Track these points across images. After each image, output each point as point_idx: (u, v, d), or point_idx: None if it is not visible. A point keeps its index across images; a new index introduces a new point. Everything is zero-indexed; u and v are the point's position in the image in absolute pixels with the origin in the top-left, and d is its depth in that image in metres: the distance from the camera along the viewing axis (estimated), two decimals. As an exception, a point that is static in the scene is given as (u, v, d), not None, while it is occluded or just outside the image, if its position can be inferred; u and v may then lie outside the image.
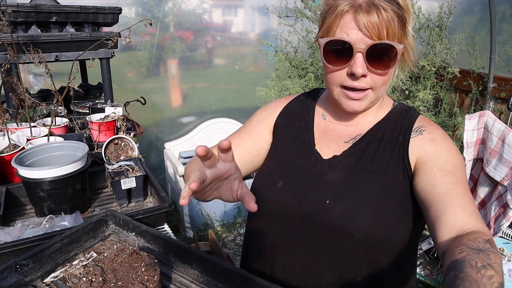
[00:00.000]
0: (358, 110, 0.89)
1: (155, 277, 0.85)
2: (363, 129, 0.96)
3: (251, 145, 1.05)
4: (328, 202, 0.88)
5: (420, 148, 0.88)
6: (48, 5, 1.95)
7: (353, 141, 0.95)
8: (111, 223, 1.10)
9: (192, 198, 2.44)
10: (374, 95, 0.87)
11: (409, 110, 0.97)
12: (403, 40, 0.83)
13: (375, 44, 0.79)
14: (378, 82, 0.85)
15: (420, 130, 0.91)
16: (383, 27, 0.79)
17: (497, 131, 1.65)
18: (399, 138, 0.91)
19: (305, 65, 3.46)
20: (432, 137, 0.89)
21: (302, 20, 3.45)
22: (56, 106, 1.63)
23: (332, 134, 0.98)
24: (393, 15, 0.79)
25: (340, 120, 0.99)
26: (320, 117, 1.03)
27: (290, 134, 1.02)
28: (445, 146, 0.87)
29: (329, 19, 0.83)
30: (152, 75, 3.50)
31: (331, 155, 0.95)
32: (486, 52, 3.02)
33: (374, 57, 0.81)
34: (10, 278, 0.86)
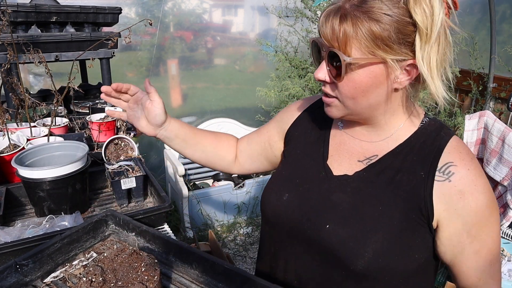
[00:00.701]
0: (330, 116, 0.86)
1: (155, 277, 0.85)
2: (380, 150, 0.87)
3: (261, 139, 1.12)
4: (328, 227, 0.84)
5: (447, 201, 0.79)
6: (48, 5, 1.95)
7: (368, 161, 0.88)
8: (111, 223, 1.10)
9: (192, 199, 2.47)
10: (343, 106, 0.82)
11: (440, 131, 0.85)
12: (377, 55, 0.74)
13: (330, 51, 0.76)
14: (343, 92, 0.79)
15: (448, 172, 0.80)
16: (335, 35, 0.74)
17: (497, 131, 1.65)
18: (421, 174, 0.81)
19: (305, 65, 3.47)
20: (461, 189, 0.78)
21: (302, 20, 3.45)
22: (56, 106, 1.63)
23: (345, 149, 0.92)
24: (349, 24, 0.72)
25: (355, 133, 0.93)
26: (337, 126, 0.97)
27: (306, 143, 0.98)
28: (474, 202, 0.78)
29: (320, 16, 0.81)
30: (152, 75, 3.51)
31: (342, 173, 0.90)
32: (486, 52, 3.02)
33: (332, 64, 0.78)
34: (10, 278, 0.86)
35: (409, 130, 0.87)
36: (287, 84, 3.35)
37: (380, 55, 0.74)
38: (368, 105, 0.81)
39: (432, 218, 0.80)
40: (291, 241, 0.92)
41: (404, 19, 0.72)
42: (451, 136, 0.84)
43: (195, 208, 3.04)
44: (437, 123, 0.88)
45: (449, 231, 0.81)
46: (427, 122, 0.88)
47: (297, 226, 0.89)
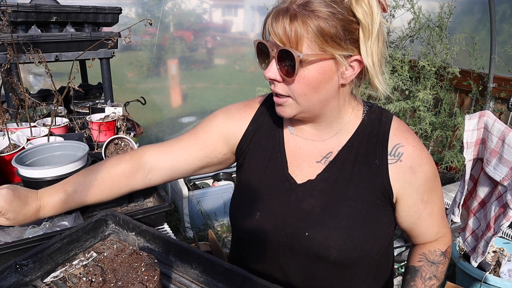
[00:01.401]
0: (283, 115, 0.88)
1: (155, 277, 0.85)
2: (333, 146, 0.93)
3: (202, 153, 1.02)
4: (307, 234, 0.89)
5: (401, 178, 0.89)
6: (48, 5, 1.95)
7: (325, 160, 0.93)
8: (111, 223, 1.10)
9: (192, 199, 2.46)
10: (296, 104, 0.85)
11: (381, 117, 0.93)
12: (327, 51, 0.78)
13: (281, 50, 0.79)
14: (294, 91, 0.83)
15: (397, 153, 0.89)
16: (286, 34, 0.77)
17: (497, 131, 1.65)
18: (375, 162, 0.90)
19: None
20: (411, 165, 0.89)
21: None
22: (56, 106, 1.63)
23: (302, 153, 0.96)
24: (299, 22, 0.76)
25: (306, 135, 0.96)
26: (288, 131, 0.99)
27: (263, 157, 0.99)
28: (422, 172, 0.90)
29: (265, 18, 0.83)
30: (152, 75, 3.50)
31: (305, 179, 0.93)
32: (486, 52, 3.02)
33: (283, 63, 0.80)
34: (10, 278, 0.86)
35: (355, 122, 0.93)
36: (287, 84, 3.35)
37: (329, 51, 0.78)
38: (319, 101, 0.85)
39: (392, 197, 0.90)
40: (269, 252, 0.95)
41: (348, 18, 0.78)
42: (391, 119, 0.93)
43: (195, 208, 3.04)
44: (376, 110, 0.95)
45: (406, 203, 0.92)
46: (368, 111, 0.94)
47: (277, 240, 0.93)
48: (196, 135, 1.04)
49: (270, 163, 0.97)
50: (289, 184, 0.94)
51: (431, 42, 3.03)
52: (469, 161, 1.78)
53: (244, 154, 1.02)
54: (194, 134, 1.04)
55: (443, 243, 1.01)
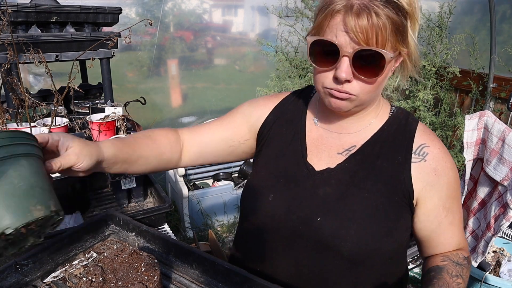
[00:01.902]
0: (342, 109, 0.84)
1: (155, 277, 0.85)
2: (358, 140, 0.91)
3: (227, 134, 1.03)
4: (319, 220, 0.87)
5: (424, 179, 0.87)
6: (48, 5, 1.95)
7: (347, 153, 0.91)
8: (111, 223, 1.10)
9: (192, 199, 2.45)
10: (360, 100, 0.82)
11: (408, 118, 0.92)
12: (398, 48, 0.78)
13: (362, 50, 0.75)
14: (365, 89, 0.80)
15: (422, 153, 0.87)
16: (372, 33, 0.73)
17: (497, 131, 1.65)
18: (398, 158, 0.87)
19: (305, 65, 3.47)
20: (435, 166, 0.87)
21: (302, 20, 3.45)
22: (56, 106, 1.63)
23: (324, 143, 0.94)
24: (385, 21, 0.74)
25: (332, 127, 0.95)
26: (312, 122, 0.98)
27: (282, 142, 0.98)
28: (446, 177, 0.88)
29: (320, 17, 0.79)
30: (152, 75, 3.50)
31: (324, 167, 0.91)
32: (486, 52, 3.02)
33: (361, 63, 0.76)
34: (10, 278, 0.86)
35: (382, 118, 0.93)
36: (287, 84, 3.35)
37: (399, 48, 0.79)
38: (375, 96, 0.86)
39: (413, 197, 0.87)
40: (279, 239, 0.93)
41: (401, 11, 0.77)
42: (418, 122, 0.92)
43: (195, 208, 3.03)
44: (404, 111, 0.95)
45: (426, 207, 0.88)
46: (395, 110, 0.94)
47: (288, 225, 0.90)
48: (222, 119, 1.06)
49: (289, 150, 0.96)
50: (307, 170, 0.92)
51: (431, 42, 3.03)
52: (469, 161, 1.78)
53: (263, 140, 1.01)
54: (220, 118, 1.07)
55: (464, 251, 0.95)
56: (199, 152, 1.04)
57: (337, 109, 0.85)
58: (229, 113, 1.07)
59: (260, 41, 3.52)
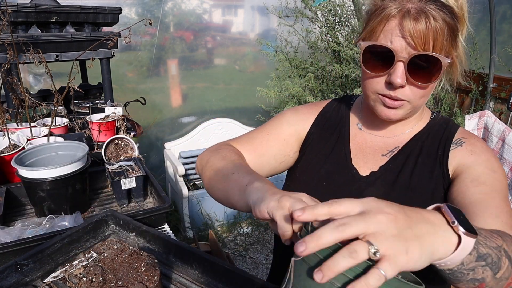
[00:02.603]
0: (393, 119, 0.83)
1: (155, 277, 0.85)
2: (401, 141, 0.91)
3: (277, 150, 0.98)
4: None
5: (458, 159, 0.83)
6: (48, 5, 1.95)
7: (391, 154, 0.90)
8: (111, 223, 1.10)
9: (192, 199, 2.40)
10: (412, 107, 0.82)
11: (448, 122, 0.93)
12: (451, 53, 0.77)
13: (418, 55, 0.73)
14: (417, 95, 0.79)
15: (460, 142, 0.86)
16: (429, 37, 0.72)
17: (497, 131, 1.65)
18: (438, 151, 0.87)
19: (305, 65, 3.47)
20: (472, 149, 0.84)
21: (302, 20, 3.46)
22: (56, 106, 1.63)
23: (368, 147, 0.94)
24: (443, 25, 0.73)
25: (376, 131, 0.94)
26: (356, 127, 0.97)
27: (325, 147, 0.96)
28: (484, 157, 0.82)
29: (374, 22, 0.77)
30: (152, 75, 3.50)
31: (368, 171, 0.90)
32: (486, 52, 3.02)
33: (416, 68, 0.75)
34: (10, 278, 0.86)
35: (424, 122, 0.93)
36: (287, 84, 3.35)
37: (452, 54, 0.78)
38: (425, 101, 0.85)
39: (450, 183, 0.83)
40: None
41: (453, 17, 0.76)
42: (459, 126, 0.92)
43: (195, 208, 3.03)
44: (444, 117, 0.95)
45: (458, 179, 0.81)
46: (436, 116, 0.95)
47: None
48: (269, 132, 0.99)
49: (333, 154, 0.95)
50: (351, 174, 0.91)
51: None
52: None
53: (306, 148, 0.99)
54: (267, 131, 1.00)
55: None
56: None
57: (386, 118, 0.83)
58: (272, 123, 1.01)
59: (260, 41, 3.52)
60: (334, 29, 3.38)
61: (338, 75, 3.23)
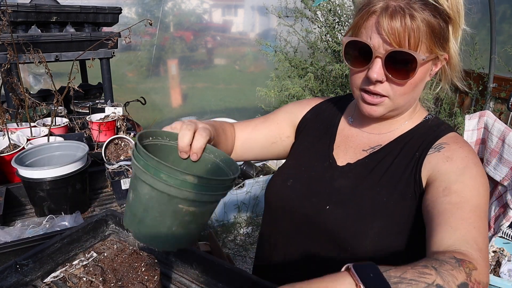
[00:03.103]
0: (373, 115, 0.85)
1: (155, 277, 0.85)
2: (385, 139, 0.92)
3: (269, 131, 1.06)
4: (328, 208, 0.87)
5: (433, 165, 0.81)
6: (48, 5, 1.95)
7: (371, 150, 0.92)
8: (111, 223, 1.10)
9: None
10: (393, 104, 0.82)
11: (440, 126, 0.90)
12: (434, 51, 0.77)
13: (394, 52, 0.75)
14: (397, 91, 0.80)
15: (439, 147, 0.83)
16: (404, 35, 0.73)
17: (497, 131, 1.65)
18: (415, 154, 0.86)
19: (304, 65, 3.47)
20: (449, 155, 0.80)
21: (302, 20, 3.46)
22: (56, 106, 1.63)
23: (353, 141, 0.96)
24: (420, 23, 0.73)
25: (364, 127, 0.96)
26: (347, 120, 1.01)
27: (314, 136, 1.02)
28: (461, 164, 0.78)
29: (357, 18, 0.80)
30: (152, 75, 3.51)
31: (345, 162, 0.93)
32: (486, 52, 3.02)
33: (394, 64, 0.76)
34: (10, 278, 0.86)
35: (413, 123, 0.92)
36: (287, 84, 3.35)
37: (434, 51, 0.77)
38: (411, 100, 0.85)
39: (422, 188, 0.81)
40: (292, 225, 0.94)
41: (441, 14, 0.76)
42: (451, 131, 0.88)
43: (195, 208, 3.03)
44: (440, 120, 0.92)
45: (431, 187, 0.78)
46: (430, 118, 0.93)
47: (299, 210, 0.92)
48: (266, 117, 1.10)
49: (318, 143, 1.00)
50: (329, 163, 0.95)
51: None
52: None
53: (299, 134, 1.05)
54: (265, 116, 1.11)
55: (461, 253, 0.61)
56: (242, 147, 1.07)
57: (368, 115, 0.85)
58: (273, 112, 1.12)
59: (259, 41, 3.52)
60: (334, 29, 3.38)
61: (338, 75, 3.23)
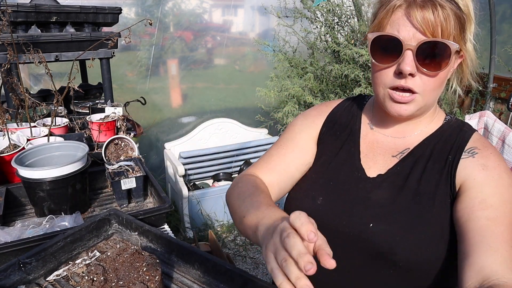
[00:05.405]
0: (404, 115, 0.81)
1: (156, 277, 0.85)
2: (412, 142, 0.89)
3: (298, 160, 0.96)
4: (372, 226, 0.82)
5: (468, 172, 0.79)
6: (48, 5, 1.95)
7: (401, 155, 0.88)
8: (114, 222, 1.10)
9: (192, 199, 2.40)
10: (423, 101, 0.80)
11: (463, 127, 0.88)
12: (460, 44, 0.77)
13: (426, 42, 0.73)
14: (428, 86, 0.78)
15: (472, 151, 0.82)
16: (437, 24, 0.73)
17: (497, 131, 1.65)
18: (448, 158, 0.83)
19: (304, 64, 3.47)
20: (484, 162, 0.79)
21: (301, 20, 3.46)
22: (56, 106, 1.63)
23: (379, 147, 0.92)
24: (450, 13, 0.73)
25: (388, 131, 0.92)
26: (367, 126, 0.96)
27: (334, 145, 0.95)
28: (497, 175, 0.77)
29: (381, 14, 0.78)
30: (152, 75, 3.50)
31: (376, 172, 0.89)
32: (486, 52, 3.02)
33: (425, 56, 0.75)
34: (14, 276, 0.86)
35: (437, 124, 0.90)
36: (286, 84, 3.35)
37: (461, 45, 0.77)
38: (436, 97, 0.83)
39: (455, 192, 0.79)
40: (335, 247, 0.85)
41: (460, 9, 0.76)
42: (474, 132, 0.87)
43: (195, 208, 3.03)
44: (459, 120, 0.91)
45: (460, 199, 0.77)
46: (450, 119, 0.91)
47: (338, 230, 0.85)
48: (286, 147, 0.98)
49: (341, 152, 0.93)
50: (358, 174, 0.89)
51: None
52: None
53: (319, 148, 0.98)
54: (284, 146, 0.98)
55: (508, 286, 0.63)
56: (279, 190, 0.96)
57: (397, 115, 0.82)
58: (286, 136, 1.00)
59: (258, 41, 3.52)
60: (333, 29, 3.38)
61: (338, 75, 3.23)
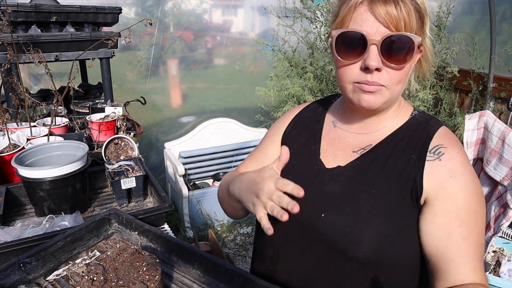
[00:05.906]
0: (373, 106, 0.81)
1: (156, 277, 0.85)
2: (375, 139, 0.90)
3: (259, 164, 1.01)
4: (323, 216, 0.85)
5: (436, 177, 0.79)
6: (48, 5, 1.95)
7: (362, 151, 0.89)
8: (114, 222, 1.10)
9: (192, 198, 2.42)
10: (389, 93, 0.80)
11: (429, 121, 0.88)
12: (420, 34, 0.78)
13: (390, 36, 0.75)
14: (394, 79, 0.79)
15: (438, 152, 0.82)
16: (400, 18, 0.74)
17: (497, 131, 1.65)
18: (412, 156, 0.83)
19: (304, 64, 3.47)
20: (451, 168, 0.79)
21: (301, 20, 3.46)
22: (56, 106, 1.63)
23: (341, 143, 0.94)
24: (411, 8, 0.75)
25: (351, 128, 0.94)
26: (331, 124, 0.98)
27: (298, 143, 0.99)
28: (463, 183, 0.78)
29: (343, 11, 0.79)
30: (152, 75, 3.50)
31: (335, 165, 0.90)
32: (486, 52, 3.02)
33: (390, 50, 0.76)
34: (13, 275, 0.86)
35: (402, 120, 0.90)
36: (286, 84, 3.35)
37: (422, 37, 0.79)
38: (401, 90, 0.84)
39: (420, 195, 0.80)
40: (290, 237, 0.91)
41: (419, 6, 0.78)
42: (440, 126, 0.87)
43: (195, 208, 3.04)
44: (426, 115, 0.91)
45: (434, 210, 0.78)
46: (417, 114, 0.91)
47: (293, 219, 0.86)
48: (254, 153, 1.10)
49: (304, 149, 0.97)
50: (317, 168, 0.92)
51: (431, 42, 3.04)
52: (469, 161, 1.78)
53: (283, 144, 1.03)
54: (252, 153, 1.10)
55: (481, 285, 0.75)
56: None
57: (367, 106, 0.82)
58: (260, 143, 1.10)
59: (257, 41, 3.52)
60: (333, 29, 3.38)
61: (338, 75, 3.23)
